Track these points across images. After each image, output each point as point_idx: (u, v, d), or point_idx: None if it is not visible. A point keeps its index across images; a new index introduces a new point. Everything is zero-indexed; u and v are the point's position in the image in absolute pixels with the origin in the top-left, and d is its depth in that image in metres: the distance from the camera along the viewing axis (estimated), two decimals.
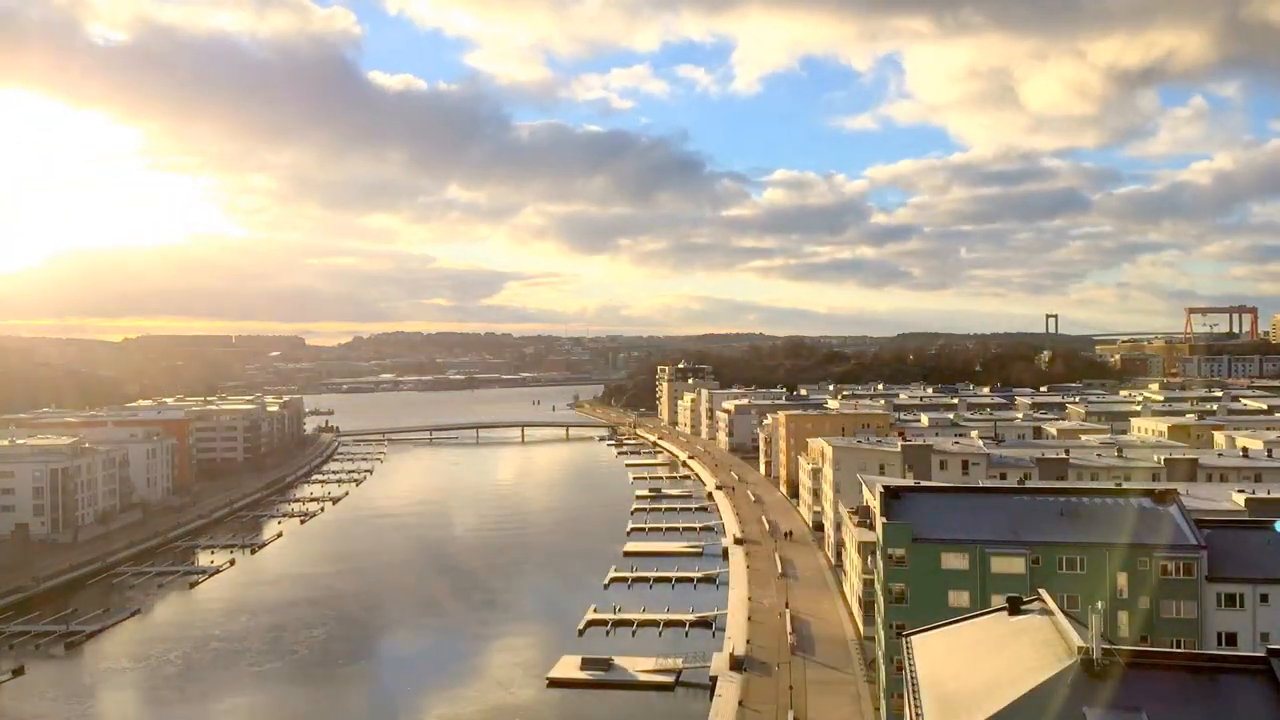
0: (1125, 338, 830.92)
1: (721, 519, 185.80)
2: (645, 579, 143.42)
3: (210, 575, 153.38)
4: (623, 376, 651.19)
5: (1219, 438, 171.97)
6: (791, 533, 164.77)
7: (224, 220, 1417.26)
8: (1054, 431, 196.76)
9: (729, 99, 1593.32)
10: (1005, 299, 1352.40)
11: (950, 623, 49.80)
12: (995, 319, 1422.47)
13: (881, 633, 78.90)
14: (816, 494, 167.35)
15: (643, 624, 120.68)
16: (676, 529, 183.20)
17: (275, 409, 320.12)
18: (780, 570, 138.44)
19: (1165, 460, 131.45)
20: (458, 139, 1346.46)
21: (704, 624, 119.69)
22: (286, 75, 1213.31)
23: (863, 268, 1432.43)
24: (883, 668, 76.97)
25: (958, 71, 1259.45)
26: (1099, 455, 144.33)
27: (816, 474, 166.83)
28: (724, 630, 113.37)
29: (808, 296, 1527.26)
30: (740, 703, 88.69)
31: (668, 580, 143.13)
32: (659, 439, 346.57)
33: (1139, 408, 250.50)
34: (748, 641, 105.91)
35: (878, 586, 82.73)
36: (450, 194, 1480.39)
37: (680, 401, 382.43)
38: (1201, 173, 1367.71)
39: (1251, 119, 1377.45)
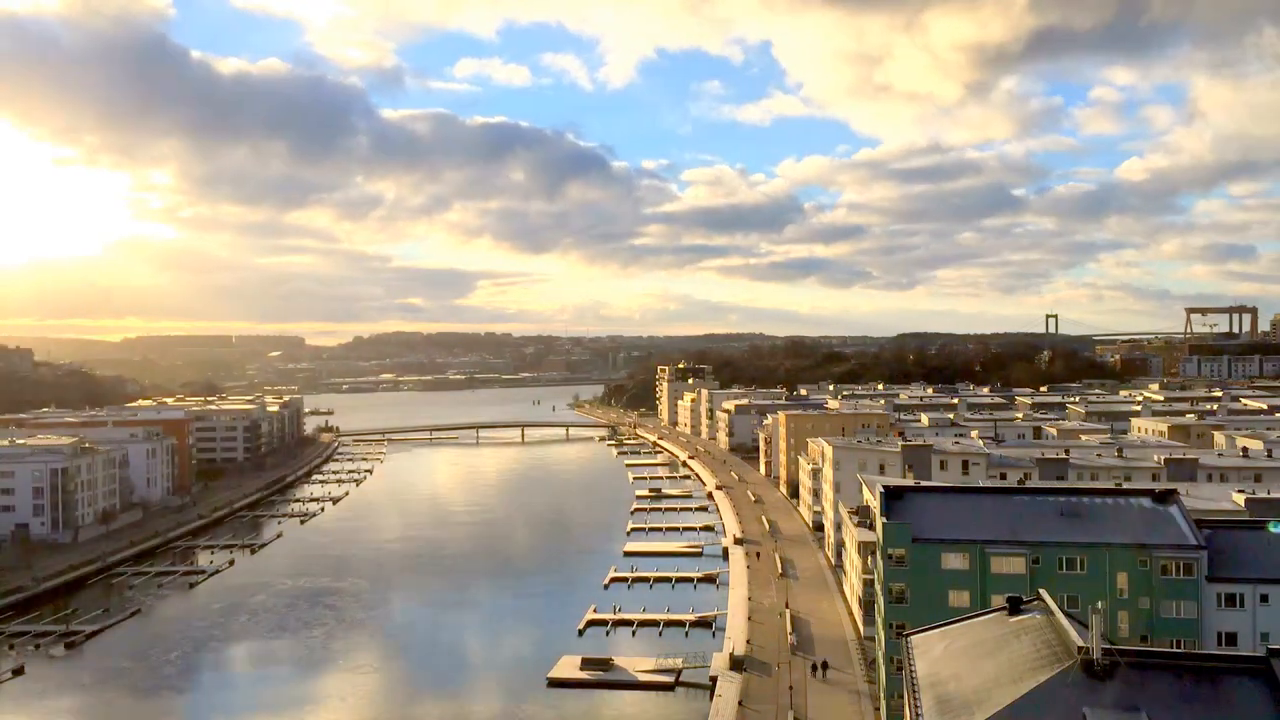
0: (1125, 338, 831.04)
1: (721, 519, 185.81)
2: (645, 579, 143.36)
3: (210, 575, 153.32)
4: (623, 376, 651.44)
5: (1219, 438, 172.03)
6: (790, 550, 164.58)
7: (149, 223, 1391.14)
8: (1054, 431, 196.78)
9: (603, 90, 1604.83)
10: (980, 299, 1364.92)
11: (950, 623, 49.79)
12: (996, 320, 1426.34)
13: (881, 633, 78.91)
14: (816, 494, 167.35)
15: (643, 624, 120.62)
16: (676, 529, 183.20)
17: (275, 409, 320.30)
18: (780, 570, 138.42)
19: (1165, 460, 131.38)
20: (329, 130, 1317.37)
21: (704, 624, 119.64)
22: (102, 57, 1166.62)
23: (825, 267, 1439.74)
24: (883, 668, 77.01)
25: (836, 58, 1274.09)
26: (1099, 455, 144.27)
27: (816, 474, 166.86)
28: (724, 630, 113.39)
29: (782, 296, 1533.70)
30: (740, 703, 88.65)
31: (668, 580, 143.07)
32: (659, 439, 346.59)
33: (1139, 408, 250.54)
34: (748, 641, 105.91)
35: (878, 586, 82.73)
36: (368, 190, 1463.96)
37: (680, 402, 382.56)
38: (1136, 170, 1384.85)
39: (1174, 116, 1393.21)
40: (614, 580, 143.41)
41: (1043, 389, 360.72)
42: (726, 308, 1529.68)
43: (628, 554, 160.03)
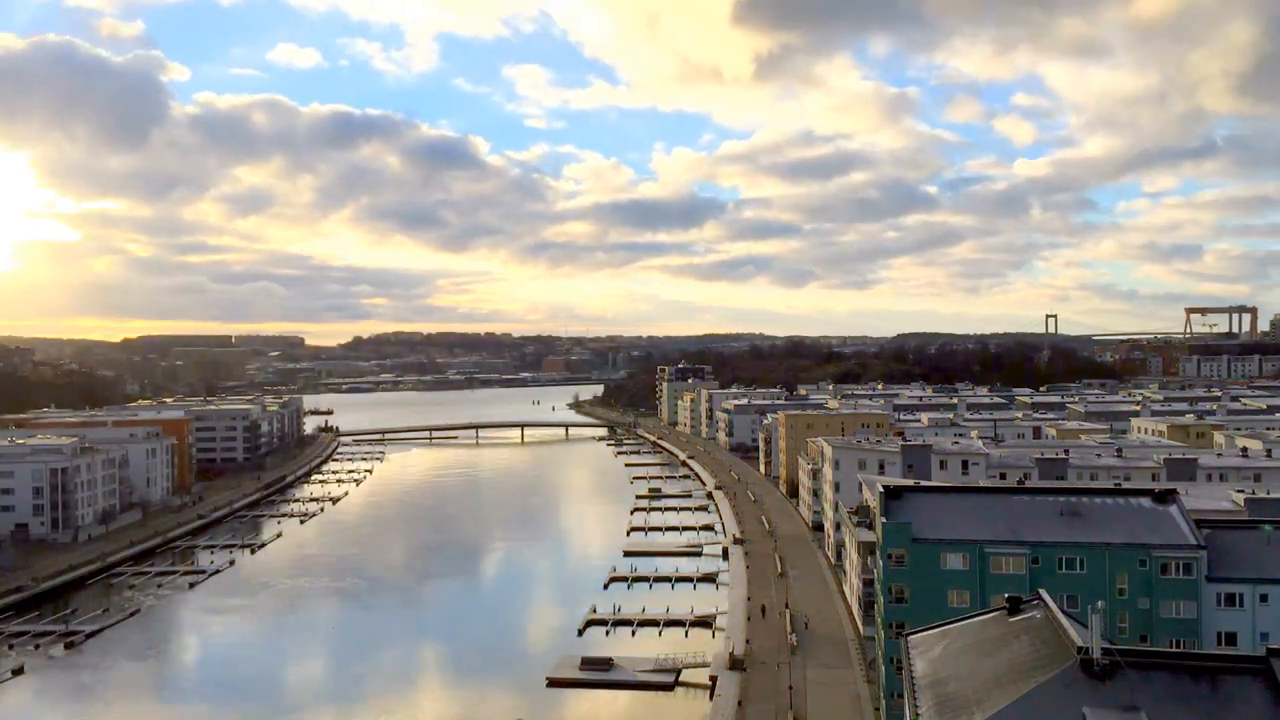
0: (1124, 338, 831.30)
1: (721, 519, 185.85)
2: (645, 579, 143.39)
3: (210, 575, 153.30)
4: (622, 377, 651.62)
5: (1218, 438, 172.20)
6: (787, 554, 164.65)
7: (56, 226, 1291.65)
8: (1053, 432, 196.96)
9: (411, 76, 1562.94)
10: (943, 299, 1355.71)
11: (950, 623, 49.83)
12: (996, 320, 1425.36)
13: (881, 633, 78.93)
14: (816, 494, 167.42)
15: (642, 623, 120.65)
16: (676, 529, 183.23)
17: (275, 409, 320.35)
18: (780, 570, 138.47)
19: (1165, 460, 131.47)
20: (124, 117, 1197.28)
21: (704, 624, 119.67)
22: None
23: (770, 265, 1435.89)
24: (883, 668, 77.03)
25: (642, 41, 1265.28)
26: (1098, 455, 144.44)
27: (816, 474, 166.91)
28: (724, 630, 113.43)
29: (744, 296, 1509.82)
30: (740, 703, 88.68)
31: (667, 580, 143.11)
32: (659, 439, 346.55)
33: (1138, 408, 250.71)
34: (747, 641, 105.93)
35: (877, 586, 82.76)
36: (251, 184, 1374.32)
37: (680, 401, 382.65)
38: (1040, 166, 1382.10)
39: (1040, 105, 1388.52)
40: (614, 580, 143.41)
41: (1042, 389, 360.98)
42: (698, 308, 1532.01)
43: (628, 554, 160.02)
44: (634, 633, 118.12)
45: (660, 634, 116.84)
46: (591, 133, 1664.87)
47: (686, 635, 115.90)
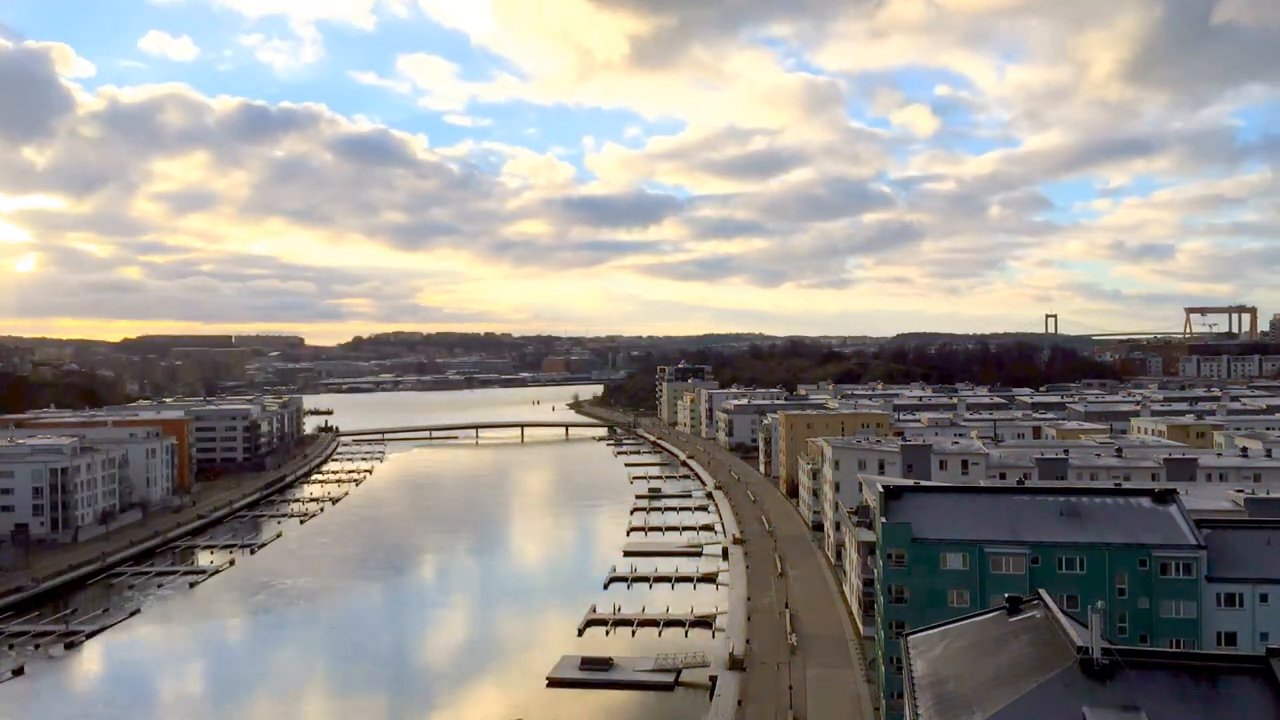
0: (1124, 337, 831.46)
1: (721, 518, 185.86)
2: (645, 578, 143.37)
3: (210, 575, 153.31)
4: (622, 377, 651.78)
5: (1218, 438, 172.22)
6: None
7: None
8: (1053, 432, 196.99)
9: (294, 65, 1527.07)
10: (926, 299, 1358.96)
11: (950, 622, 49.81)
12: (995, 320, 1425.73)
13: (881, 632, 78.95)
14: (816, 494, 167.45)
15: (642, 623, 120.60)
16: (676, 529, 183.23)
17: (275, 409, 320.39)
18: (780, 570, 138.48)
19: (1165, 460, 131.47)
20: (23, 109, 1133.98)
21: (704, 624, 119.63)
22: None
23: (745, 266, 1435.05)
24: (883, 668, 77.04)
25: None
26: (1098, 455, 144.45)
27: (816, 474, 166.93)
28: (724, 630, 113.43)
29: (726, 296, 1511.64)
30: (740, 702, 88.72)
31: (667, 580, 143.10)
32: (658, 439, 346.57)
33: (1138, 408, 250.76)
34: (747, 641, 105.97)
35: (878, 586, 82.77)
36: (183, 181, 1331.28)
37: (680, 401, 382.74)
38: (987, 163, 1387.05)
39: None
40: (614, 580, 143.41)
41: (1042, 389, 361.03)
42: (686, 307, 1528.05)
43: (628, 554, 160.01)
44: (634, 633, 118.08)
45: (660, 634, 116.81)
46: (514, 128, 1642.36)
47: (686, 635, 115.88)
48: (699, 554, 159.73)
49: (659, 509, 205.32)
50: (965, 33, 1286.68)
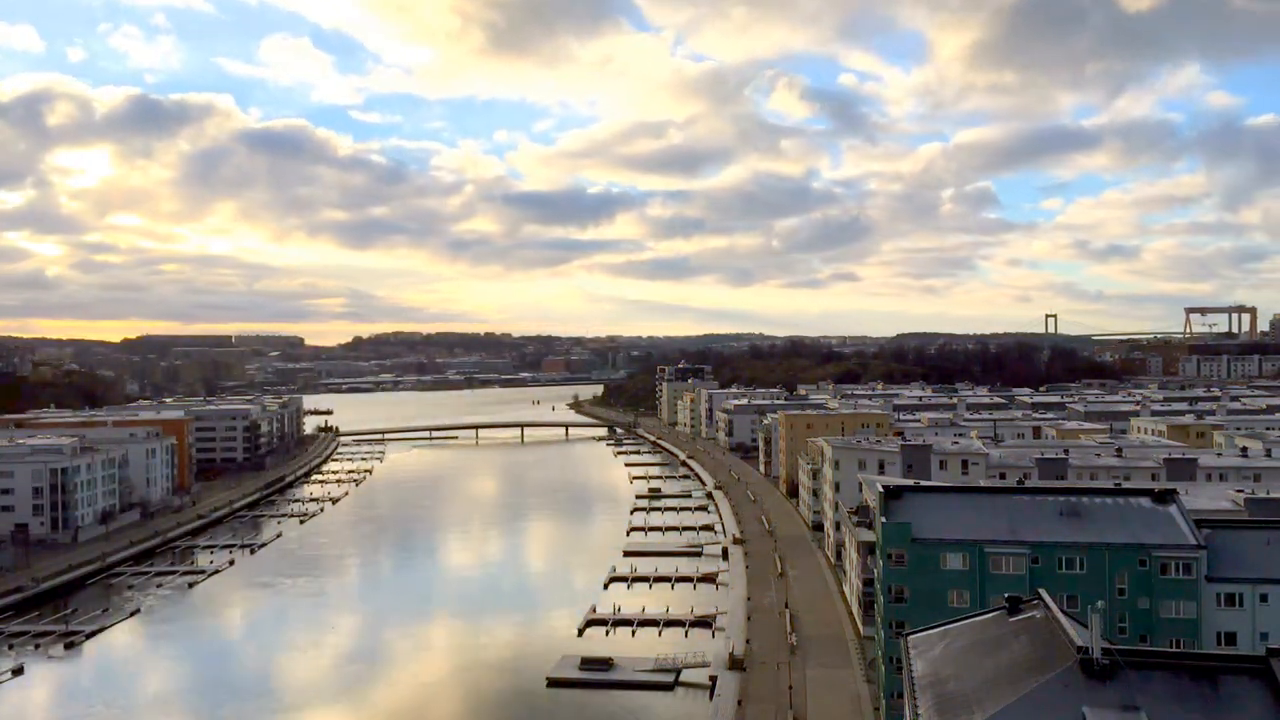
0: (1124, 337, 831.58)
1: (721, 518, 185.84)
2: (645, 579, 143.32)
3: (210, 575, 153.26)
4: (622, 377, 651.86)
5: (1218, 438, 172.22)
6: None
7: None
8: (1053, 432, 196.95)
9: (148, 52, 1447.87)
10: (903, 299, 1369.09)
11: (950, 622, 49.80)
12: (994, 320, 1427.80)
13: (881, 632, 78.94)
14: (816, 494, 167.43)
15: (642, 624, 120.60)
16: (676, 529, 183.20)
17: (275, 409, 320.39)
18: (779, 570, 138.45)
19: (1165, 460, 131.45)
20: None
21: (704, 624, 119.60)
22: None
23: (715, 266, 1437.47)
24: (883, 668, 77.02)
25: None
26: (1098, 455, 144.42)
27: (816, 474, 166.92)
28: (724, 630, 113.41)
29: (713, 296, 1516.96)
30: (740, 702, 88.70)
31: (667, 580, 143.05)
32: (658, 439, 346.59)
33: (1138, 408, 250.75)
34: (747, 641, 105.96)
35: (878, 586, 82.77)
36: (99, 176, 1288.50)
37: (680, 401, 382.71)
38: (920, 159, 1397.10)
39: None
40: (613, 580, 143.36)
41: (1042, 389, 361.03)
42: (675, 308, 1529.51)
43: (628, 554, 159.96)
44: (634, 633, 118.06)
45: (660, 634, 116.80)
46: (418, 121, 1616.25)
47: (686, 635, 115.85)
48: (699, 554, 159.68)
49: (659, 509, 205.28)
50: (859, 22, 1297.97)
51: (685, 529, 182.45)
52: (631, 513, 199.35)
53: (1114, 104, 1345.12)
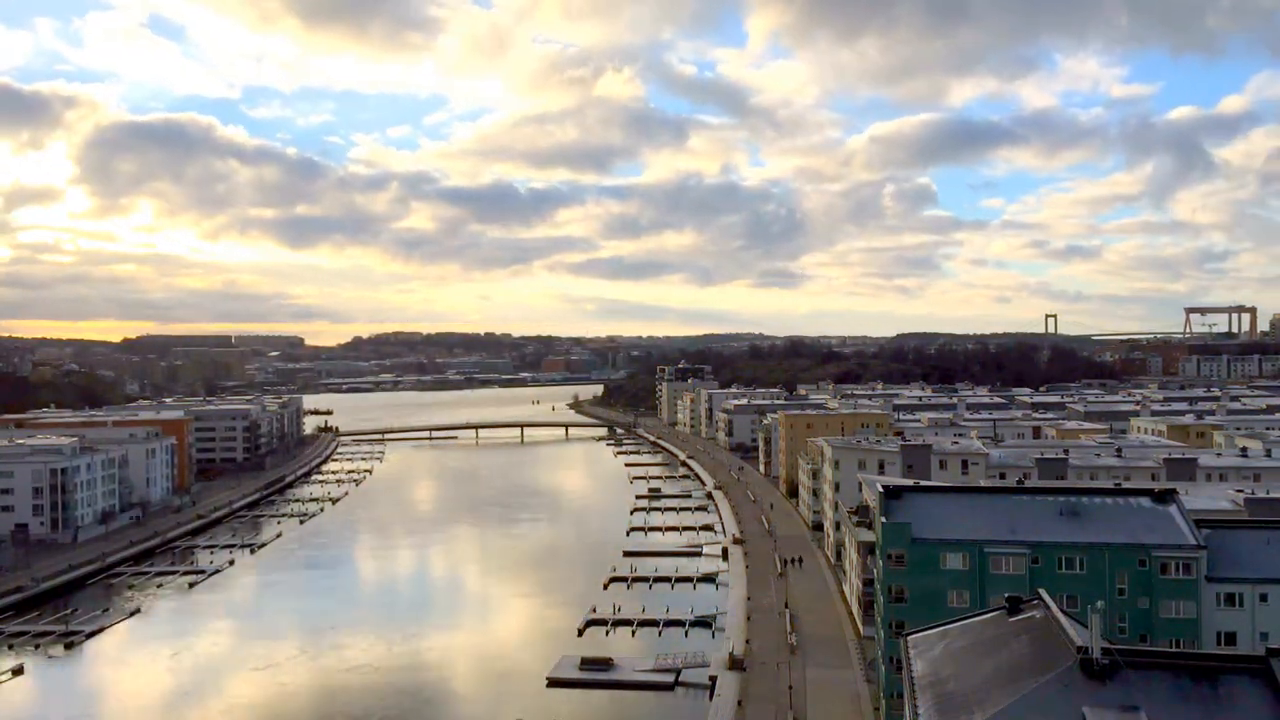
0: (1124, 337, 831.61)
1: (720, 518, 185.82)
2: (645, 579, 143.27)
3: (210, 575, 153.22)
4: (622, 377, 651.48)
5: (1218, 438, 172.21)
6: (800, 561, 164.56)
7: None
8: (1053, 432, 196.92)
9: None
10: (877, 299, 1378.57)
11: (949, 622, 49.82)
12: (994, 320, 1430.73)
13: (881, 632, 78.94)
14: (816, 494, 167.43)
15: (642, 624, 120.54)
16: (676, 529, 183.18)
17: (275, 409, 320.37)
18: (779, 570, 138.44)
19: (1165, 460, 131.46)
20: None
21: (704, 624, 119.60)
22: None
23: (682, 266, 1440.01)
24: (882, 668, 77.03)
25: None
26: (1098, 455, 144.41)
27: (816, 474, 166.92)
28: (724, 630, 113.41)
29: (681, 295, 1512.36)
30: (739, 703, 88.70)
31: (667, 580, 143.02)
32: (658, 439, 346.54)
33: (1138, 408, 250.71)
34: (747, 641, 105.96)
35: (877, 586, 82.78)
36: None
37: (679, 401, 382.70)
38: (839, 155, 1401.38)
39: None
40: (613, 580, 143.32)
41: (1042, 389, 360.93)
42: (656, 309, 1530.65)
43: (628, 554, 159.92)
44: (634, 633, 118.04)
45: (660, 634, 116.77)
46: (299, 116, 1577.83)
47: (686, 635, 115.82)
48: (699, 554, 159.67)
49: (659, 509, 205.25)
50: (710, 9, 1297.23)
51: (685, 529, 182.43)
52: (631, 513, 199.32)
53: (1017, 93, 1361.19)
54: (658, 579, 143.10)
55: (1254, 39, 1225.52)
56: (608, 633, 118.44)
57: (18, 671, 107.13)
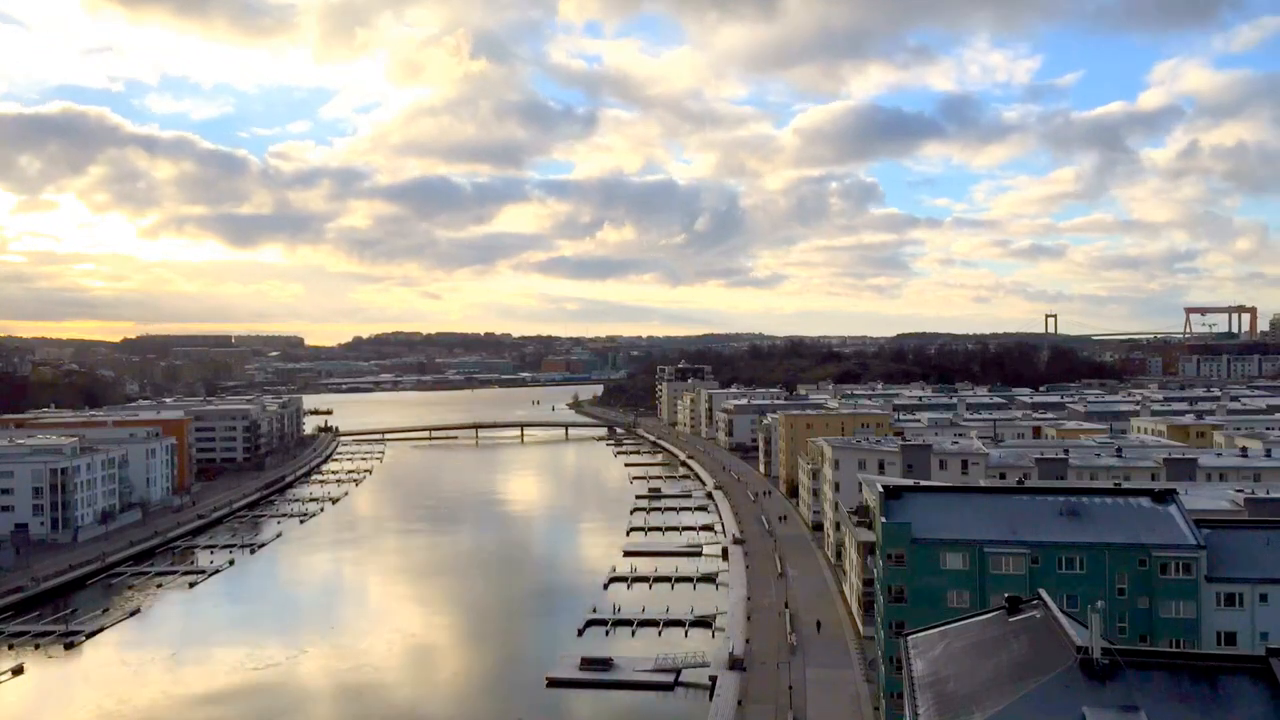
0: (1124, 337, 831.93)
1: (721, 519, 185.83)
2: (645, 579, 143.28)
3: (210, 575, 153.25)
4: (622, 377, 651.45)
5: (1218, 437, 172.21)
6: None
7: None
8: (1053, 432, 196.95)
9: None
10: (856, 298, 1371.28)
11: (949, 622, 49.81)
12: (994, 320, 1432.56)
13: (881, 632, 78.95)
14: (816, 494, 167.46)
15: (642, 624, 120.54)
16: (676, 529, 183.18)
17: (275, 409, 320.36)
18: (779, 570, 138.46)
19: (1165, 460, 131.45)
20: None
21: (704, 624, 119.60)
22: None
23: (649, 265, 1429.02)
24: (882, 668, 77.05)
25: None
26: (1098, 455, 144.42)
27: (816, 474, 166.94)
28: (724, 630, 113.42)
29: (661, 295, 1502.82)
30: (740, 702, 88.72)
31: (667, 580, 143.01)
32: (658, 439, 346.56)
33: (1138, 408, 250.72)
34: (747, 641, 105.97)
35: (877, 586, 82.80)
36: None
37: (680, 401, 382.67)
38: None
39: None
40: (613, 580, 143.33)
41: (1042, 389, 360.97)
42: (634, 309, 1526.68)
43: (628, 554, 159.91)
44: (634, 633, 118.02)
45: (660, 634, 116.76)
46: (189, 111, 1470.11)
47: (686, 635, 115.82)
48: (699, 554, 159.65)
49: (659, 509, 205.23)
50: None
51: (685, 529, 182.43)
52: (631, 513, 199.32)
53: (928, 84, 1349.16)
54: (658, 579, 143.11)
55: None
56: (608, 633, 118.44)
57: (18, 671, 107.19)
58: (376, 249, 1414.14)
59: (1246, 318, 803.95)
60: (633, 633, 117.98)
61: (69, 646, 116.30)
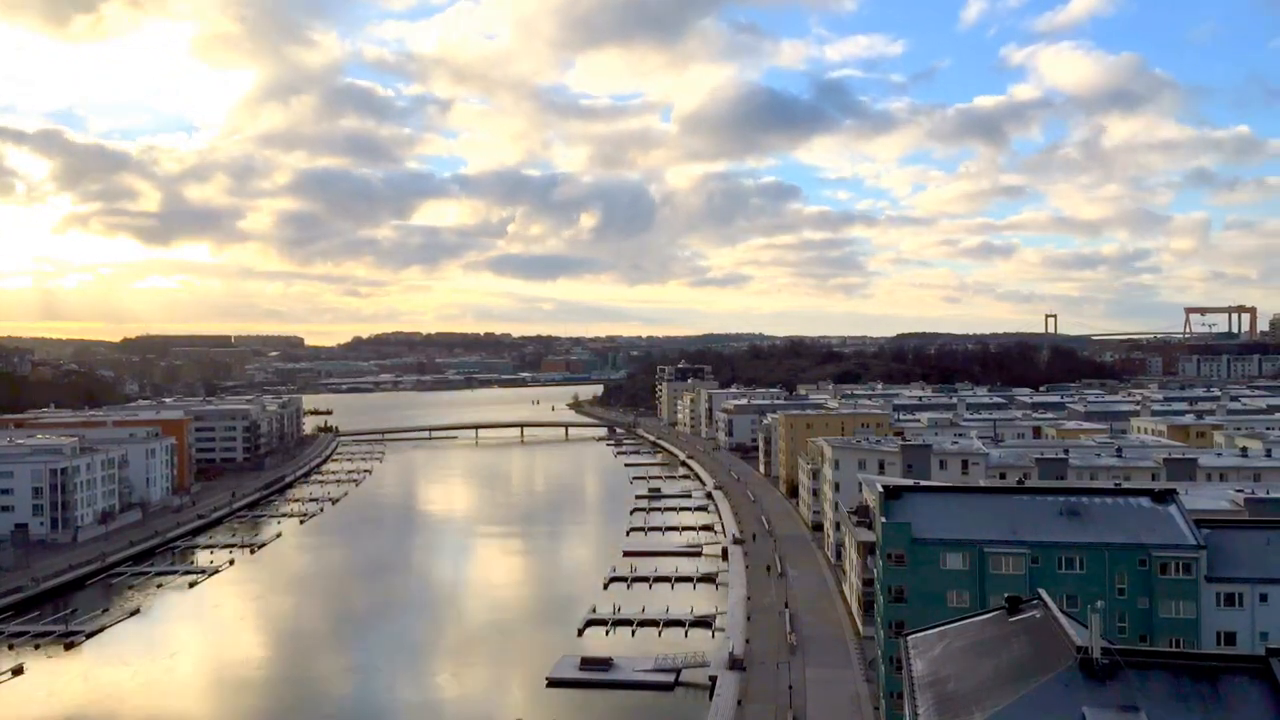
0: (1123, 337, 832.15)
1: (720, 518, 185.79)
2: (644, 579, 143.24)
3: (210, 575, 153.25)
4: (622, 377, 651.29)
5: (1218, 437, 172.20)
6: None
7: None
8: (1053, 432, 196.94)
9: None
10: (828, 298, 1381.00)
11: (949, 622, 49.83)
12: (993, 321, 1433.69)
13: (881, 632, 78.95)
14: (816, 494, 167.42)
15: (642, 624, 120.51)
16: (676, 529, 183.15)
17: (275, 409, 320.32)
18: (780, 570, 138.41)
19: (1165, 460, 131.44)
20: None
21: (703, 624, 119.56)
22: None
23: (616, 264, 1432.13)
24: (882, 668, 77.03)
25: None
26: (1098, 455, 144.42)
27: (816, 474, 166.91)
28: (723, 630, 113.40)
29: (631, 294, 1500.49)
30: (739, 702, 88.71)
31: (667, 580, 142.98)
32: (658, 439, 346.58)
33: (1138, 408, 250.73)
34: (747, 641, 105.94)
35: (877, 586, 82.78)
36: None
37: (680, 401, 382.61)
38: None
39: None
40: (613, 580, 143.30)
41: (1042, 389, 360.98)
42: (608, 310, 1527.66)
43: (627, 554, 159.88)
44: (634, 633, 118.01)
45: (660, 634, 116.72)
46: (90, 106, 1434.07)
47: (686, 635, 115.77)
48: (699, 554, 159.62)
49: (659, 509, 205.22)
50: None
51: (685, 529, 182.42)
52: (631, 513, 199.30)
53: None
54: (658, 579, 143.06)
55: None
56: (608, 633, 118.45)
57: (18, 671, 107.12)
58: (310, 249, 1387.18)
59: (1246, 318, 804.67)
60: (633, 633, 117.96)
61: (69, 647, 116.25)
